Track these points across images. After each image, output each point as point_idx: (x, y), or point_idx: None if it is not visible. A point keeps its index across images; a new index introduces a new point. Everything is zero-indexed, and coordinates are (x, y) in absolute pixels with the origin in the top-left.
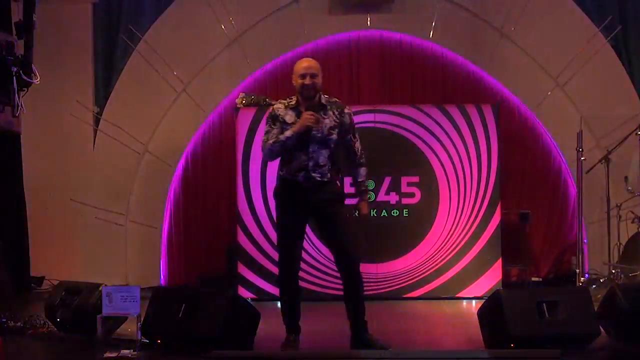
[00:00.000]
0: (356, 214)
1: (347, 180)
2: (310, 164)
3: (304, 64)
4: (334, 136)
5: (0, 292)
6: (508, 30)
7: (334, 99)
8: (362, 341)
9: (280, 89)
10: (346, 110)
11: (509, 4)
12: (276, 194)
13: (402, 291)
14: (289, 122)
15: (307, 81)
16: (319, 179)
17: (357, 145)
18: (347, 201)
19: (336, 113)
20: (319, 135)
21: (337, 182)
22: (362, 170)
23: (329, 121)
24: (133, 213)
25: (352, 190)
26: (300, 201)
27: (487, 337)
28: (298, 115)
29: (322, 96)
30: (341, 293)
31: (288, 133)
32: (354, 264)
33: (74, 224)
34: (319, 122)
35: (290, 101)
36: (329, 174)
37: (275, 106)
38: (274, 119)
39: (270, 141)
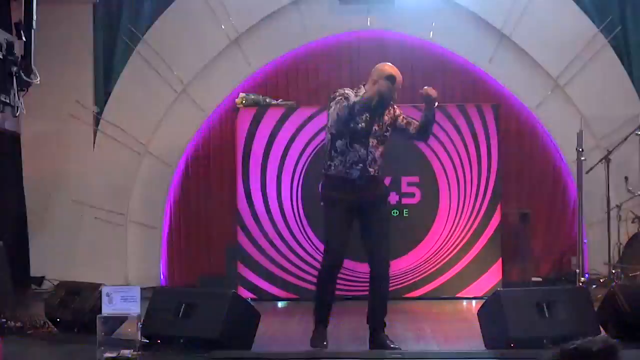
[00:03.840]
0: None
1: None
2: (369, 157)
3: (399, 74)
4: (389, 133)
5: (0, 292)
6: (508, 30)
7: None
8: (378, 341)
9: (280, 89)
10: (395, 105)
11: (509, 4)
12: (325, 192)
13: (402, 291)
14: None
15: (395, 93)
16: (372, 174)
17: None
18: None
19: (392, 111)
20: (379, 130)
21: (384, 181)
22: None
23: (387, 118)
24: (133, 213)
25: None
26: (351, 198)
27: (487, 337)
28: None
29: None
30: (341, 293)
31: (364, 96)
32: (387, 266)
33: (74, 224)
34: (391, 93)
35: (358, 91)
36: (379, 171)
37: (346, 91)
38: (345, 97)
39: (343, 104)
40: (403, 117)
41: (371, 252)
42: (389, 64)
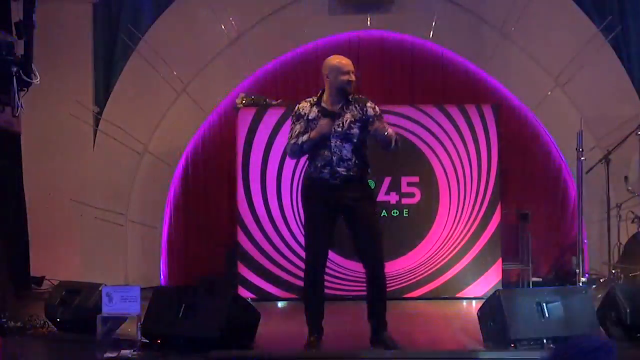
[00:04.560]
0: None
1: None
2: (334, 158)
3: (346, 61)
4: (355, 130)
5: (0, 292)
6: (508, 30)
7: (359, 96)
8: (379, 340)
9: (280, 89)
10: (369, 104)
11: (509, 4)
12: (303, 193)
13: (402, 291)
14: (311, 118)
15: (352, 77)
16: (344, 173)
17: (389, 131)
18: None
19: (358, 107)
20: (340, 129)
21: (367, 180)
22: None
23: (349, 115)
24: (133, 213)
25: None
26: (328, 199)
27: (487, 337)
28: (322, 112)
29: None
30: (337, 292)
31: (305, 137)
32: (380, 265)
33: (74, 224)
34: (331, 128)
35: (315, 99)
36: (354, 168)
37: (300, 105)
38: (298, 117)
39: (292, 141)
40: (372, 123)
41: (362, 254)
42: (336, 55)
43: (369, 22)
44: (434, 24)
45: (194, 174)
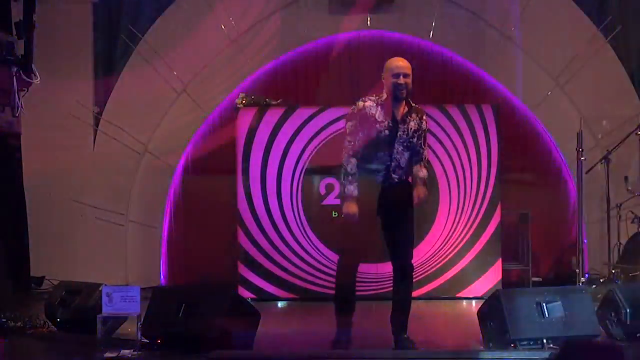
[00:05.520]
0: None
1: None
2: (393, 164)
3: (399, 63)
4: (415, 139)
5: (0, 292)
6: (508, 30)
7: (416, 105)
8: (398, 343)
9: (280, 89)
10: (424, 117)
11: (509, 4)
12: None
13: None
14: (379, 120)
15: (401, 80)
16: (397, 180)
17: (425, 153)
18: None
19: (417, 118)
20: (405, 136)
21: (410, 184)
22: (423, 172)
23: (413, 124)
24: (133, 213)
25: None
26: (374, 201)
27: (487, 337)
28: (387, 114)
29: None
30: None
31: (350, 186)
32: (409, 267)
33: (74, 224)
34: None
35: (380, 97)
36: (404, 176)
37: (366, 103)
38: (363, 119)
39: (346, 153)
40: (422, 144)
41: (392, 253)
42: (399, 58)
43: (368, 22)
44: (433, 24)
45: (194, 174)
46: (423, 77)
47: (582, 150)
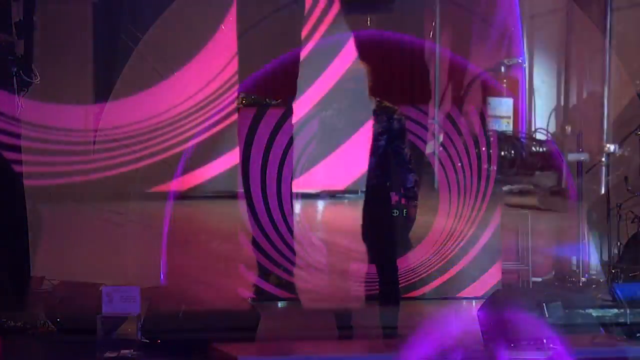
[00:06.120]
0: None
1: None
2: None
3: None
4: (382, 142)
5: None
6: (508, 30)
7: (387, 104)
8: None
9: (280, 89)
10: (395, 116)
11: (508, 4)
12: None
13: (402, 291)
14: None
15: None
16: (375, 182)
17: (406, 151)
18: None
19: (385, 119)
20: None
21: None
22: (411, 177)
23: (378, 126)
24: (133, 213)
25: None
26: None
27: (487, 337)
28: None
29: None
30: None
31: None
32: (392, 266)
33: (75, 224)
34: None
35: None
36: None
37: None
38: None
39: None
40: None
41: (372, 255)
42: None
43: (368, 22)
44: (434, 24)
45: (193, 174)
46: (423, 77)
47: (582, 150)
